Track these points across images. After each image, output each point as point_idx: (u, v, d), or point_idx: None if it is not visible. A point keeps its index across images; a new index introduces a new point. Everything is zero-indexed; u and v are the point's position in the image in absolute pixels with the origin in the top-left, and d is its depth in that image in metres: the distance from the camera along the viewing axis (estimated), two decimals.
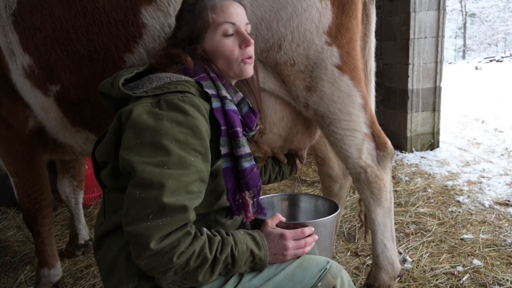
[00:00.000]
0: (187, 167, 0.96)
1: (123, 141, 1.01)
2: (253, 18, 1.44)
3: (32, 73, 1.62)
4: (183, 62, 1.16)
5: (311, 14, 1.45)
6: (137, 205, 0.93)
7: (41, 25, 1.53)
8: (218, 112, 1.09)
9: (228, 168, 1.12)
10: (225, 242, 1.02)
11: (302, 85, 1.54)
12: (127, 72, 1.17)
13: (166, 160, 0.95)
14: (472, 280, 2.04)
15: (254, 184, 1.14)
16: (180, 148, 0.97)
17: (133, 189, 0.94)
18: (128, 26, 1.46)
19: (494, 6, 38.85)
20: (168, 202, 0.92)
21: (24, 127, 1.82)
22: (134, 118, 0.99)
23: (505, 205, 2.94)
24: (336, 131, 1.62)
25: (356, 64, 1.59)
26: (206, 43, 1.18)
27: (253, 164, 1.13)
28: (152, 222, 0.91)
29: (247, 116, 1.20)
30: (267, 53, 1.49)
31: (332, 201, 1.55)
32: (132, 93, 1.08)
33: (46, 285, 2.17)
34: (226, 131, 1.10)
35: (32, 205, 2.02)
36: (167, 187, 0.92)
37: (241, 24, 1.17)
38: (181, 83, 1.08)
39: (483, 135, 5.09)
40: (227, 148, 1.10)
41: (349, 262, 2.32)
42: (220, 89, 1.13)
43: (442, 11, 4.29)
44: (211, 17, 1.15)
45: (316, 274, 1.10)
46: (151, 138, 0.96)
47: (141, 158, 0.95)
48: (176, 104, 1.00)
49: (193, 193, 0.98)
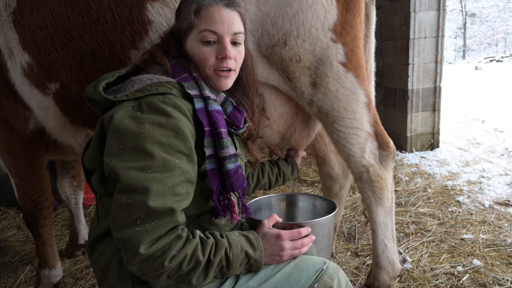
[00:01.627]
0: (172, 169, 0.96)
1: (106, 147, 1.00)
2: (259, 14, 1.45)
3: (31, 72, 1.61)
4: (160, 63, 1.15)
5: (316, 11, 1.46)
6: (123, 210, 0.92)
7: (41, 23, 1.52)
8: (201, 112, 1.08)
9: (213, 169, 1.10)
10: (219, 245, 1.01)
11: (307, 82, 1.55)
12: (109, 76, 1.15)
13: (149, 163, 0.94)
14: (472, 280, 2.04)
15: (239, 185, 1.13)
16: (163, 151, 0.96)
17: (118, 195, 0.93)
18: (133, 23, 1.46)
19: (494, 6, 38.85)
20: (154, 206, 0.91)
21: (25, 128, 1.82)
22: (116, 123, 0.98)
23: (505, 205, 2.94)
24: (339, 129, 1.62)
25: (360, 62, 1.60)
26: (188, 44, 1.17)
27: (237, 165, 1.12)
28: (140, 227, 0.90)
29: (232, 115, 1.19)
30: (272, 49, 1.49)
31: (330, 200, 1.54)
32: (113, 98, 1.07)
33: (46, 285, 2.16)
34: (210, 132, 1.09)
35: (33, 205, 2.02)
36: (152, 190, 0.92)
37: (225, 34, 1.13)
38: (162, 84, 1.07)
39: (483, 135, 5.09)
40: (212, 149, 1.09)
41: (349, 262, 2.31)
42: (203, 89, 1.12)
43: (442, 11, 4.29)
44: (194, 20, 1.13)
45: (313, 275, 1.10)
46: (133, 142, 0.96)
47: (124, 163, 0.94)
48: (157, 106, 1.00)
49: (180, 194, 0.97)
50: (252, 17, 1.45)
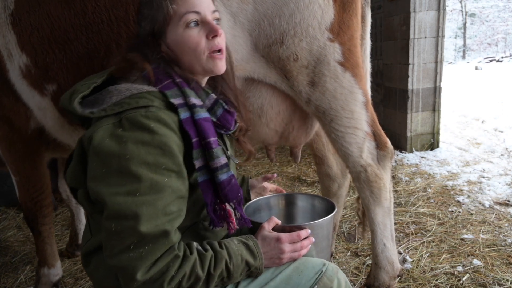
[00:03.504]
0: (162, 190, 0.91)
1: (89, 171, 0.94)
2: (256, 14, 1.45)
3: (29, 73, 1.62)
4: (141, 69, 1.06)
5: (313, 10, 1.46)
6: (115, 237, 0.88)
7: (38, 24, 1.53)
8: (187, 123, 1.00)
9: (205, 181, 1.04)
10: (219, 257, 0.98)
11: (305, 81, 1.55)
12: (84, 88, 1.06)
13: (137, 187, 0.89)
14: (472, 280, 2.04)
15: (234, 196, 1.07)
16: (151, 171, 0.91)
17: (107, 222, 0.89)
18: (129, 22, 1.46)
19: (494, 6, 38.84)
20: (146, 231, 0.87)
21: (27, 127, 1.83)
22: (96, 144, 0.92)
23: (505, 205, 2.94)
24: (337, 128, 1.63)
25: (358, 61, 1.61)
26: (169, 38, 1.07)
27: (230, 175, 1.06)
28: (134, 252, 0.87)
29: (222, 117, 1.12)
30: (269, 48, 1.50)
31: (329, 200, 1.53)
32: (89, 114, 0.99)
33: (46, 284, 2.17)
34: (198, 143, 1.02)
35: (33, 204, 2.03)
36: (143, 215, 0.88)
37: (206, 12, 1.07)
38: (143, 96, 0.99)
39: (483, 135, 5.08)
40: (202, 160, 1.03)
41: (349, 262, 2.31)
42: (188, 96, 1.03)
43: (442, 11, 4.29)
44: (171, 8, 1.04)
45: (312, 277, 1.10)
46: (118, 165, 0.90)
47: (110, 188, 0.89)
48: (139, 122, 0.93)
49: (172, 213, 0.94)
50: (249, 16, 1.45)
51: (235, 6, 1.43)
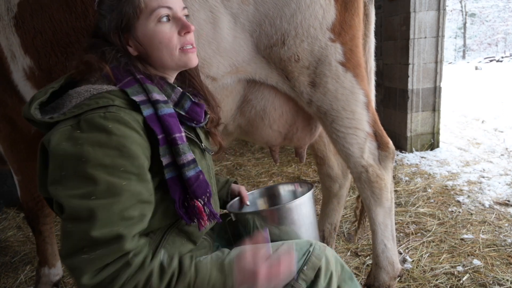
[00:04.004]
0: (119, 194, 0.88)
1: (49, 175, 0.92)
2: (257, 15, 1.45)
3: (32, 75, 1.63)
4: (100, 70, 1.01)
5: (314, 11, 1.46)
6: (69, 238, 0.87)
7: (41, 28, 1.54)
8: (151, 120, 0.97)
9: (173, 177, 1.01)
10: (182, 273, 0.93)
11: (306, 81, 1.55)
12: (41, 94, 1.02)
13: (92, 189, 0.86)
14: (472, 280, 2.04)
15: (202, 192, 1.04)
16: (108, 174, 0.88)
17: (64, 222, 0.88)
18: None
19: (494, 6, 38.84)
20: (99, 236, 0.85)
21: (30, 127, 1.84)
22: (53, 147, 0.90)
23: (505, 205, 2.94)
24: (338, 129, 1.63)
25: (359, 61, 1.60)
26: (139, 32, 1.03)
27: (198, 171, 1.03)
28: (86, 255, 0.85)
29: (191, 110, 1.10)
30: (270, 49, 1.49)
31: (308, 182, 1.57)
32: (48, 119, 0.96)
33: (46, 284, 2.17)
34: (164, 139, 0.99)
35: (35, 203, 2.03)
36: (97, 219, 0.85)
37: (177, 8, 1.05)
38: (103, 95, 0.95)
39: (483, 135, 5.09)
40: (169, 157, 1.00)
41: (349, 262, 2.31)
42: (150, 92, 1.00)
43: (442, 11, 4.29)
44: (143, 1, 1.01)
45: (301, 258, 1.11)
46: (74, 167, 0.88)
47: (67, 191, 0.87)
48: (97, 123, 0.90)
49: (131, 218, 0.90)
50: (250, 17, 1.45)
51: (236, 7, 1.43)
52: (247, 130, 1.75)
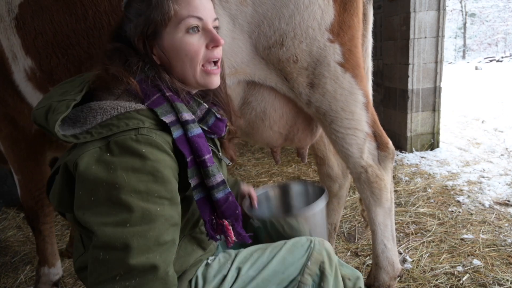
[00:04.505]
0: (154, 220, 0.85)
1: (76, 199, 0.88)
2: (255, 16, 1.45)
3: (33, 76, 1.64)
4: (126, 83, 0.95)
5: (313, 11, 1.46)
6: (101, 266, 0.83)
7: (42, 29, 1.54)
8: (181, 142, 0.94)
9: (201, 198, 1.00)
10: None
11: (305, 82, 1.55)
12: (62, 107, 0.93)
13: (127, 217, 0.83)
14: (472, 280, 2.04)
15: (231, 213, 1.04)
16: (142, 200, 0.85)
17: (95, 250, 0.84)
18: None
19: (494, 6, 38.83)
20: (135, 264, 0.82)
21: (30, 126, 1.84)
22: (82, 171, 0.85)
23: (505, 205, 2.94)
24: (337, 129, 1.62)
25: (358, 62, 1.60)
26: (165, 41, 0.98)
27: (227, 192, 1.01)
28: (119, 284, 0.82)
29: (214, 126, 1.08)
30: (269, 50, 1.49)
31: (321, 186, 1.59)
32: (74, 140, 0.90)
33: (45, 283, 2.17)
34: (193, 161, 0.96)
35: (35, 202, 2.03)
36: (133, 247, 0.82)
37: (208, 20, 1.00)
38: (132, 116, 0.91)
39: (483, 135, 5.09)
40: (197, 178, 0.98)
41: (349, 262, 2.31)
42: (180, 112, 0.96)
43: (442, 11, 4.29)
44: (173, 9, 0.95)
45: (304, 255, 1.17)
46: (107, 194, 0.84)
47: (99, 218, 0.84)
48: (130, 147, 0.86)
49: (166, 243, 0.88)
50: (248, 18, 1.45)
51: (234, 8, 1.43)
52: (247, 132, 1.75)
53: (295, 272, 1.16)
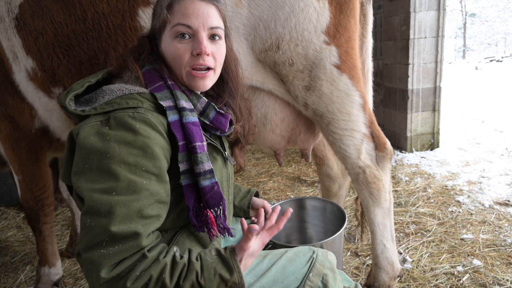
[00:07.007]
0: (138, 191, 0.91)
1: (74, 165, 0.95)
2: (251, 18, 1.44)
3: (35, 76, 1.64)
4: (132, 71, 1.08)
5: (308, 14, 1.45)
6: (89, 233, 0.88)
7: (42, 30, 1.55)
8: (175, 126, 1.01)
9: (188, 185, 1.04)
10: (190, 268, 0.93)
11: (301, 85, 1.55)
12: (78, 86, 1.07)
13: (114, 185, 0.89)
14: (472, 280, 2.04)
15: (215, 203, 1.05)
16: (129, 172, 0.91)
17: (84, 216, 0.90)
18: (125, 29, 1.47)
19: (494, 6, 38.81)
20: (117, 231, 0.87)
21: (31, 126, 1.85)
22: (81, 140, 0.93)
23: (505, 205, 2.94)
24: (335, 131, 1.62)
25: (355, 63, 1.60)
26: (162, 44, 1.10)
27: (213, 182, 1.04)
28: (105, 249, 0.87)
29: (215, 120, 1.13)
30: (265, 53, 1.49)
31: (339, 207, 1.63)
32: (80, 112, 1.01)
33: (46, 283, 2.17)
34: (184, 146, 1.02)
35: (35, 202, 2.04)
36: (116, 214, 0.87)
37: (200, 28, 1.06)
38: (133, 96, 1.01)
39: (483, 135, 5.09)
40: (186, 164, 1.02)
41: (349, 262, 2.31)
42: (178, 99, 1.04)
43: (442, 11, 4.29)
44: (167, 16, 1.07)
45: (305, 265, 1.14)
46: (99, 162, 0.91)
47: (89, 184, 0.90)
48: (125, 122, 0.94)
49: (149, 217, 0.92)
50: (244, 21, 1.44)
51: (230, 10, 1.43)
52: None
53: (295, 283, 1.12)
